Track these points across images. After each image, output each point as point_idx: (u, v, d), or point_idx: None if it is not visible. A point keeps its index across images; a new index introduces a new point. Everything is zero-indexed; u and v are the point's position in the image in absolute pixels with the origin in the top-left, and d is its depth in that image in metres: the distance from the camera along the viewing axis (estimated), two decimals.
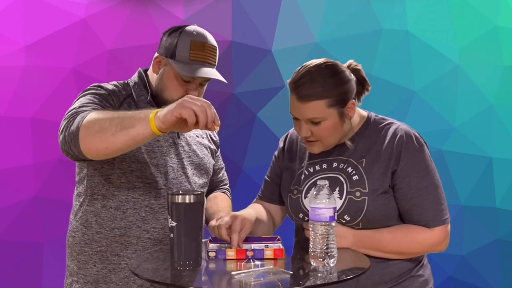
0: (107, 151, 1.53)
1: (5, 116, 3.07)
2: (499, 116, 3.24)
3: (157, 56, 1.85)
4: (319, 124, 1.63)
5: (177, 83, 1.79)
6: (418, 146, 1.67)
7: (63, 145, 1.60)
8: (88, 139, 1.52)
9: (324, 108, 1.62)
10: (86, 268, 1.79)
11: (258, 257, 1.50)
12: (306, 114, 1.63)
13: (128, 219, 1.77)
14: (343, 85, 1.64)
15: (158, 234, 1.79)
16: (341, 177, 1.69)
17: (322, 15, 3.26)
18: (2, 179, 3.05)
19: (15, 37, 3.09)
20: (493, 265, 3.23)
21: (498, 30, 3.25)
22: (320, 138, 1.66)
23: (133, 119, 1.50)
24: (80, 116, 1.58)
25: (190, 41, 1.78)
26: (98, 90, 1.77)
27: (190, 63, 1.77)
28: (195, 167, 1.89)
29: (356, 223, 1.66)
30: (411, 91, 3.24)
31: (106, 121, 1.51)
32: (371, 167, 1.67)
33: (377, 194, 1.64)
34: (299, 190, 1.76)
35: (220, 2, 3.24)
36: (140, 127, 1.48)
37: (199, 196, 1.42)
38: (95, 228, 1.79)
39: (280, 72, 3.22)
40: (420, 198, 1.65)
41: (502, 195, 3.23)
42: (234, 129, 3.23)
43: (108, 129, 1.50)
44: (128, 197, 1.77)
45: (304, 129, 1.65)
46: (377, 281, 1.67)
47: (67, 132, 1.57)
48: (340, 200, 1.66)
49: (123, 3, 3.19)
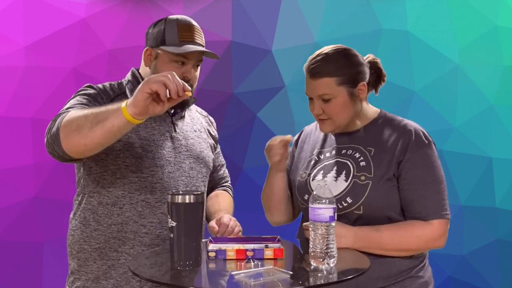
0: (86, 147, 1.56)
1: (5, 116, 3.08)
2: (499, 116, 3.24)
3: (147, 49, 1.88)
4: (330, 102, 1.73)
5: (172, 68, 1.80)
6: (427, 142, 1.73)
7: (48, 147, 1.64)
8: (68, 138, 1.56)
9: (334, 85, 1.72)
10: (87, 265, 1.80)
11: (258, 257, 1.49)
12: (317, 91, 1.73)
13: (125, 214, 1.77)
14: (354, 67, 1.75)
15: (155, 229, 1.78)
16: (349, 162, 1.75)
17: (322, 15, 3.26)
18: (2, 179, 3.05)
19: (15, 37, 3.10)
20: (493, 265, 3.23)
21: (498, 30, 3.25)
22: (331, 115, 1.74)
23: (107, 111, 1.51)
24: (60, 117, 1.61)
25: (176, 25, 1.83)
26: (87, 90, 1.81)
27: (181, 44, 1.81)
28: (193, 161, 1.89)
29: (357, 207, 1.68)
30: (411, 91, 3.25)
31: (82, 118, 1.54)
32: (378, 156, 1.73)
33: (381, 180, 1.69)
34: (307, 173, 1.83)
35: (220, 2, 3.25)
36: (114, 118, 1.49)
37: (199, 196, 1.42)
38: (93, 225, 1.79)
39: (280, 72, 3.22)
40: (423, 190, 1.68)
41: (502, 195, 3.23)
42: (234, 129, 3.23)
43: (84, 125, 1.52)
44: (124, 193, 1.77)
45: (316, 107, 1.75)
46: (375, 276, 1.67)
47: (49, 134, 1.62)
48: (345, 183, 1.71)
49: (123, 3, 3.19)
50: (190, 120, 1.97)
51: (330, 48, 1.77)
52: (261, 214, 1.99)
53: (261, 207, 1.98)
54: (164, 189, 1.79)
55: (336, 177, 1.74)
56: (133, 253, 1.76)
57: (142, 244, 1.77)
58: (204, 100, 3.14)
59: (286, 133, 1.92)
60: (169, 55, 1.81)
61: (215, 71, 3.20)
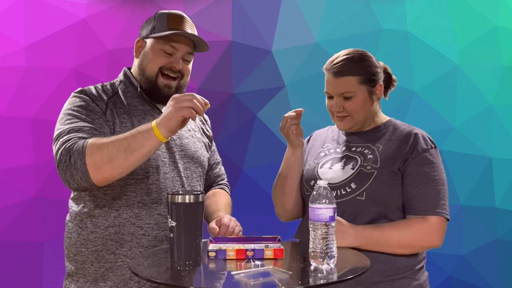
0: (121, 175, 1.64)
1: (5, 116, 3.08)
2: (498, 116, 3.25)
3: (137, 40, 1.91)
4: (351, 99, 1.83)
5: (159, 55, 1.83)
6: (433, 146, 1.83)
7: (70, 182, 1.65)
8: (100, 172, 1.60)
9: (356, 83, 1.83)
10: (84, 268, 1.80)
11: (258, 257, 1.50)
12: (339, 89, 1.83)
13: (122, 216, 1.77)
14: (373, 68, 1.87)
15: (152, 230, 1.79)
16: (357, 157, 1.84)
17: (322, 15, 3.26)
18: (3, 179, 3.05)
19: (15, 38, 3.10)
20: (492, 265, 3.23)
21: (497, 31, 3.25)
22: (351, 113, 1.84)
23: (140, 138, 1.58)
24: (77, 151, 1.61)
25: (166, 16, 1.86)
26: (80, 102, 1.79)
27: (169, 30, 1.83)
28: (188, 160, 1.89)
29: (360, 192, 1.75)
30: (411, 91, 3.25)
31: (112, 149, 1.59)
32: (385, 151, 1.82)
33: (386, 171, 1.76)
34: (316, 162, 1.92)
35: (220, 2, 3.25)
36: (150, 143, 1.58)
37: (199, 196, 1.42)
38: (90, 228, 1.79)
39: (280, 72, 3.22)
40: (425, 186, 1.75)
41: (501, 195, 3.24)
42: (234, 129, 3.23)
43: (117, 156, 1.58)
44: (120, 195, 1.77)
45: (337, 104, 1.85)
46: (372, 272, 1.68)
47: (74, 170, 1.62)
48: (352, 170, 1.81)
49: (123, 3, 3.20)
50: None
51: (350, 51, 1.88)
52: (261, 214, 1.99)
53: (261, 207, 1.99)
54: (160, 190, 1.80)
55: (343, 166, 1.83)
56: (131, 255, 1.76)
57: (140, 246, 1.77)
58: None
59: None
60: (157, 44, 1.83)
61: (215, 71, 3.21)
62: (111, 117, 1.78)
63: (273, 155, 3.10)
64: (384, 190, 1.75)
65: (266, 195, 2.61)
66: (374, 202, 1.74)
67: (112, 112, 1.80)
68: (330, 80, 1.86)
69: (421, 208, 1.74)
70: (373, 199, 1.74)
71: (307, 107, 1.82)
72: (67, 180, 1.65)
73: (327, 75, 1.88)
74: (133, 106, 1.85)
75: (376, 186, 1.75)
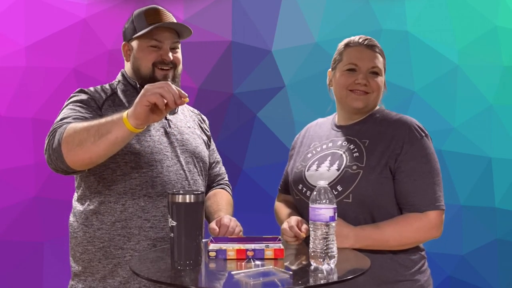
0: (91, 160, 1.62)
1: (5, 116, 3.08)
2: (498, 116, 3.25)
3: (123, 44, 1.95)
4: (376, 77, 1.84)
5: (148, 52, 1.87)
6: (423, 134, 1.79)
7: (50, 164, 1.68)
8: (71, 153, 1.60)
9: (382, 64, 1.87)
10: (92, 266, 1.80)
11: (258, 257, 1.50)
12: (372, 62, 1.84)
13: (128, 210, 1.78)
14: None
15: (159, 222, 1.80)
16: (343, 153, 1.81)
17: (322, 15, 3.26)
18: (3, 179, 3.05)
19: (15, 38, 3.10)
20: (492, 265, 3.23)
21: (497, 31, 3.25)
22: (372, 90, 1.83)
23: (108, 124, 1.56)
24: (58, 132, 1.64)
25: (143, 13, 1.91)
26: (79, 96, 1.84)
27: (149, 25, 1.86)
28: (189, 155, 1.91)
29: (346, 195, 1.72)
30: (411, 91, 3.25)
31: (83, 132, 1.59)
32: (372, 146, 1.78)
33: (372, 170, 1.73)
34: (303, 165, 1.89)
35: (220, 2, 3.25)
36: (117, 130, 1.55)
37: (199, 196, 1.43)
38: (96, 225, 1.80)
39: (280, 72, 3.22)
40: (421, 181, 1.72)
41: (501, 195, 3.24)
42: (234, 129, 3.23)
43: (87, 139, 1.57)
44: (126, 189, 1.79)
45: (363, 78, 1.82)
46: (370, 277, 1.68)
47: (51, 151, 1.64)
48: (337, 172, 1.76)
49: (123, 3, 3.20)
50: (183, 116, 2.01)
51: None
52: (262, 214, 1.99)
53: (261, 207, 1.99)
54: (165, 183, 1.81)
55: (329, 167, 1.80)
56: (139, 249, 1.77)
57: (148, 238, 1.78)
58: (204, 100, 3.15)
59: (286, 133, 1.93)
60: (142, 42, 1.87)
61: (215, 71, 3.21)
62: (109, 114, 1.79)
63: (273, 155, 3.11)
64: (371, 191, 1.72)
65: (266, 195, 2.61)
66: (362, 204, 1.72)
67: (110, 109, 1.82)
68: (362, 52, 1.86)
69: (418, 204, 1.72)
70: (360, 201, 1.72)
71: (307, 107, 1.82)
72: (48, 161, 1.67)
73: (355, 48, 1.87)
74: (132, 103, 1.86)
75: (362, 187, 1.72)
